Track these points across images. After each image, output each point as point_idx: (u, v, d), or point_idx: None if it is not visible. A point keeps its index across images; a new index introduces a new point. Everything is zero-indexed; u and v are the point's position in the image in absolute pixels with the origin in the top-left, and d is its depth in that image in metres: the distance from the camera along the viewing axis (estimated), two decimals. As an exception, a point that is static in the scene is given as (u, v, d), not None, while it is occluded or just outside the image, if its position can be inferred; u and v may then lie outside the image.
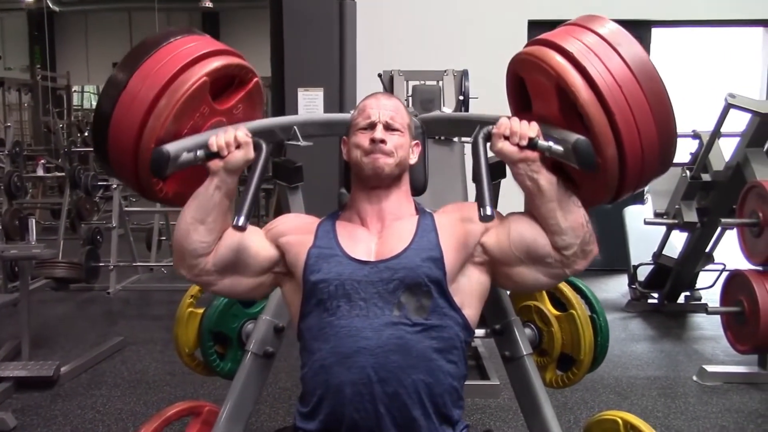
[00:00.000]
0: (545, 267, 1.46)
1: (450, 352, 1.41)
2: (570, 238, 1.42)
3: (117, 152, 1.52)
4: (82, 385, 3.33)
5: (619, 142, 1.35)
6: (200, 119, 1.56)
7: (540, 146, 1.38)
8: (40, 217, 8.83)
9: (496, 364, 3.30)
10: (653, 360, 3.77)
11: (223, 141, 1.43)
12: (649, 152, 1.38)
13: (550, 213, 1.42)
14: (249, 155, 1.45)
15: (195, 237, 1.46)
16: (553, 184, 1.41)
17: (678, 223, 4.21)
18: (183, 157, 1.45)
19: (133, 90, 1.47)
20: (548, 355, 1.89)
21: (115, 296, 5.12)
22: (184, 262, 1.49)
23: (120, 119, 1.48)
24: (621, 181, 1.41)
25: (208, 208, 1.45)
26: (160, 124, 1.46)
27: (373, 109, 1.54)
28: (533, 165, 1.40)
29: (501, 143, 1.40)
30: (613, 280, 5.43)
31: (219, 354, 1.99)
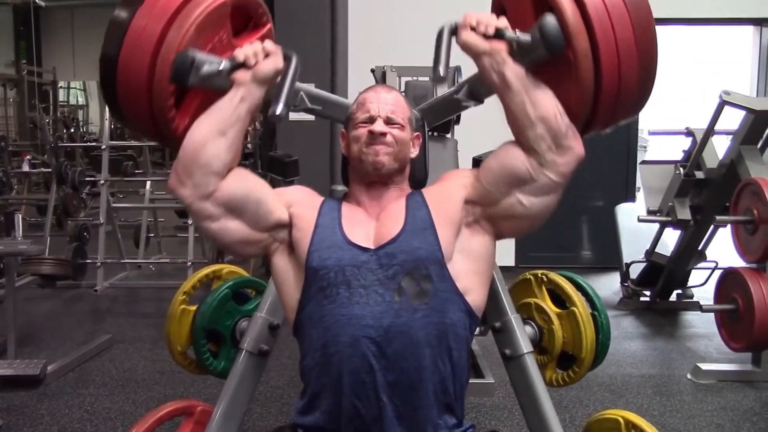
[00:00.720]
0: (527, 184, 1.39)
1: (453, 339, 1.37)
2: (541, 129, 1.35)
3: (130, 69, 1.41)
4: (70, 384, 3.27)
5: (591, 32, 1.29)
6: (218, 46, 1.48)
7: (507, 36, 1.34)
8: (25, 213, 8.72)
9: (491, 362, 3.28)
10: (647, 358, 3.76)
11: (251, 51, 1.38)
12: (627, 60, 1.32)
13: (519, 107, 1.36)
14: (278, 64, 1.39)
15: (212, 149, 1.36)
16: (521, 76, 1.36)
17: (671, 221, 4.20)
18: (206, 67, 1.37)
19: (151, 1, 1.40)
20: (549, 353, 1.85)
21: (102, 293, 5.05)
22: (192, 177, 1.37)
23: (139, 27, 1.39)
24: (596, 93, 1.34)
25: (231, 119, 1.37)
26: (181, 35, 1.38)
27: (372, 103, 1.50)
28: (498, 56, 1.35)
29: (467, 34, 1.36)
30: (604, 278, 5.43)
31: (212, 352, 1.94)
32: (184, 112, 1.48)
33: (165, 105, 1.43)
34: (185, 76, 1.35)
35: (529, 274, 1.91)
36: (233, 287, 1.94)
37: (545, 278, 1.87)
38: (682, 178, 4.10)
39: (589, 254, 6.21)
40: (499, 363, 1.84)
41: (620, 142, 5.81)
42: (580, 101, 1.36)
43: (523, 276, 1.93)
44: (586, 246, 6.22)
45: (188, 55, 1.35)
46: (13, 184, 9.63)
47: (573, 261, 5.98)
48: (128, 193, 8.79)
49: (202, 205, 1.40)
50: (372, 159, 1.45)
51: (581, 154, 1.38)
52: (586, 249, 6.22)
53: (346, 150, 1.55)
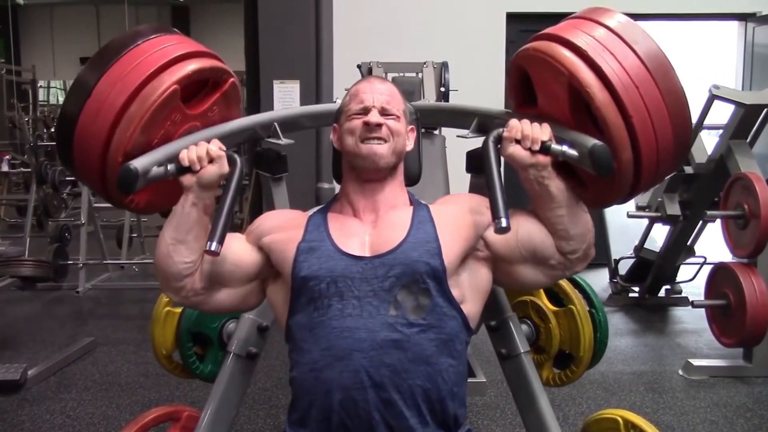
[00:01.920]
0: (547, 268, 1.42)
1: (450, 355, 1.31)
2: (576, 244, 1.39)
3: (83, 162, 1.42)
4: (51, 388, 3.18)
5: (635, 145, 1.29)
6: (172, 127, 1.46)
7: (553, 150, 1.31)
8: (5, 214, 8.60)
9: (482, 360, 3.23)
10: (638, 354, 3.74)
11: (195, 155, 1.34)
12: (665, 153, 1.32)
13: (558, 219, 1.37)
14: (223, 169, 1.36)
15: (176, 258, 1.36)
16: (563, 190, 1.35)
17: (660, 216, 4.18)
18: (153, 171, 1.36)
19: (100, 96, 1.36)
20: (545, 352, 1.81)
21: (84, 295, 4.95)
22: (170, 285, 1.40)
23: (86, 128, 1.38)
24: (634, 183, 1.36)
25: (186, 226, 1.36)
26: (127, 137, 1.36)
27: (366, 93, 1.44)
28: (544, 170, 1.33)
29: (512, 147, 1.33)
30: (592, 275, 5.39)
31: (198, 355, 1.88)
32: (141, 191, 1.43)
33: (119, 198, 1.44)
34: (131, 187, 1.33)
35: (525, 271, 1.86)
36: (220, 288, 1.87)
37: (541, 275, 1.83)
38: (671, 173, 4.08)
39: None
40: (491, 361, 1.81)
41: None
42: (615, 197, 1.41)
43: (519, 273, 1.88)
44: (574, 242, 6.18)
45: (130, 169, 1.32)
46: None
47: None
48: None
49: (189, 300, 1.43)
50: (369, 155, 1.39)
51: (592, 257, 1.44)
52: (574, 246, 6.19)
53: (338, 144, 1.48)
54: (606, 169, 1.27)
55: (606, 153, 1.26)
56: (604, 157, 1.26)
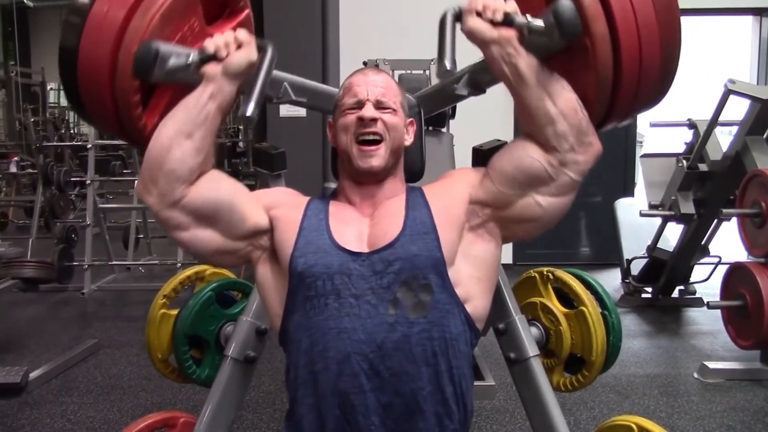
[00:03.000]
0: (546, 184, 1.28)
1: (454, 355, 1.24)
2: (562, 125, 1.23)
3: (92, 60, 1.28)
4: (52, 391, 3.13)
5: (609, 16, 1.17)
6: (189, 35, 1.35)
7: (517, 22, 1.21)
8: (14, 215, 8.60)
9: (491, 363, 3.16)
10: (651, 357, 3.64)
11: (222, 41, 1.23)
12: (648, 44, 1.19)
13: (536, 102, 1.23)
14: (252, 56, 1.24)
15: (177, 153, 1.22)
16: (534, 67, 1.23)
17: (674, 215, 4.09)
18: (172, 61, 1.22)
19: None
20: (556, 356, 1.74)
21: (89, 297, 4.90)
22: (157, 184, 1.23)
23: (100, 15, 1.26)
24: (615, 82, 1.22)
25: (198, 119, 1.22)
26: (145, 24, 1.25)
27: (360, 86, 1.36)
28: (509, 46, 1.22)
29: (473, 20, 1.22)
30: (604, 275, 5.32)
31: (195, 359, 1.82)
32: (152, 109, 1.35)
33: (129, 102, 1.30)
34: (148, 70, 1.20)
35: (534, 271, 1.79)
36: (217, 289, 1.81)
37: (551, 276, 1.76)
38: (685, 171, 3.99)
39: (588, 251, 6.11)
40: (500, 364, 1.74)
41: (618, 136, 5.71)
42: (597, 92, 1.24)
43: (528, 274, 1.81)
44: (584, 242, 6.13)
45: (151, 47, 1.20)
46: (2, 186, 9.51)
47: (572, 258, 5.89)
48: (118, 194, 8.65)
49: (170, 213, 1.26)
50: (364, 164, 1.32)
51: (600, 149, 1.27)
52: (585, 245, 6.13)
53: (333, 141, 1.42)
54: (571, 27, 1.14)
55: (570, 7, 1.14)
56: (569, 12, 1.14)
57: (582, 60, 1.22)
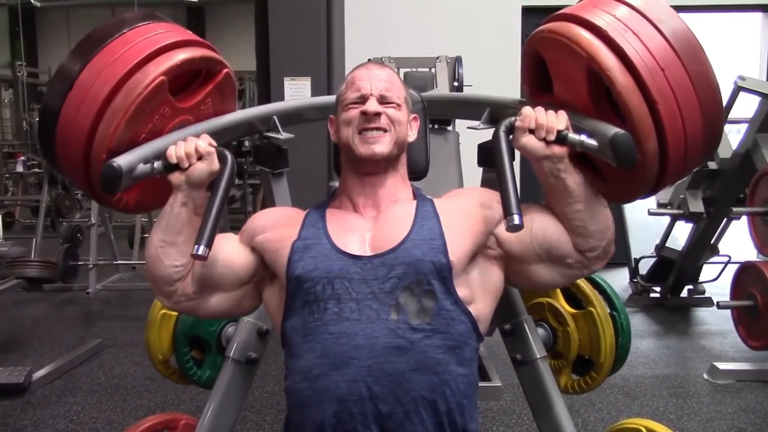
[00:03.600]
0: (564, 267, 1.31)
1: (458, 362, 1.20)
2: (595, 242, 1.28)
3: (66, 159, 1.35)
4: (56, 392, 3.11)
5: (661, 134, 1.17)
6: (160, 121, 1.37)
7: (570, 140, 1.21)
8: (21, 214, 8.61)
9: (497, 363, 3.12)
10: (660, 357, 3.60)
11: (183, 152, 1.25)
12: (693, 143, 1.21)
13: (575, 215, 1.26)
14: (213, 167, 1.27)
15: (167, 262, 1.29)
16: (581, 184, 1.24)
17: (683, 214, 4.04)
18: (139, 169, 1.28)
19: (82, 88, 1.29)
20: (563, 357, 1.70)
21: (94, 296, 4.89)
22: (160, 289, 1.33)
23: (68, 122, 1.30)
24: (659, 176, 1.24)
25: (176, 228, 1.28)
26: (111, 132, 1.28)
27: (364, 80, 1.33)
28: (560, 163, 1.22)
29: (525, 138, 1.22)
30: (612, 274, 5.25)
31: (196, 360, 1.79)
32: (130, 189, 1.35)
33: (107, 197, 1.35)
34: (115, 186, 1.25)
35: (541, 271, 1.75)
36: (218, 289, 1.78)
37: (558, 276, 1.72)
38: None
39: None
40: (506, 364, 1.71)
41: None
42: (638, 191, 1.30)
43: (535, 273, 1.77)
44: (592, 241, 6.06)
45: (114, 168, 1.24)
46: (9, 185, 9.54)
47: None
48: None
49: (181, 306, 1.35)
50: (367, 147, 1.30)
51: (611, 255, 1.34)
52: (593, 244, 6.07)
53: (335, 136, 1.39)
54: (628, 160, 1.16)
55: (628, 142, 1.15)
56: (627, 146, 1.15)
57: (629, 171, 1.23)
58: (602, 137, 1.18)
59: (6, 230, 7.87)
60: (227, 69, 1.47)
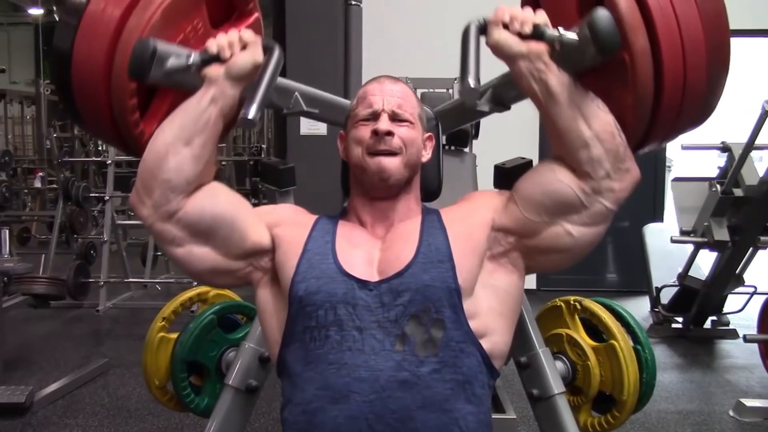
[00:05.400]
0: (578, 212, 1.15)
1: (468, 399, 1.11)
2: (597, 150, 1.11)
3: (87, 58, 1.19)
4: (57, 413, 3.04)
5: (651, 28, 1.05)
6: (192, 37, 1.26)
7: (548, 35, 1.09)
8: (37, 230, 8.64)
9: (512, 394, 3.00)
10: (683, 392, 3.45)
11: (225, 41, 1.13)
12: (693, 58, 1.07)
13: (568, 122, 1.11)
14: (257, 57, 1.14)
15: (174, 161, 1.13)
16: (567, 84, 1.11)
17: (707, 242, 3.91)
18: (171, 61, 1.13)
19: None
20: (583, 393, 1.60)
21: (104, 314, 4.84)
22: (151, 195, 1.14)
23: (97, 10, 1.18)
24: (656, 101, 1.10)
25: (198, 125, 1.13)
26: (144, 21, 1.17)
27: (376, 96, 1.25)
28: (539, 61, 1.10)
29: (498, 32, 1.11)
30: (632, 303, 5.12)
31: (194, 387, 1.70)
32: (151, 115, 1.26)
33: (126, 106, 1.21)
34: (145, 70, 1.11)
35: (560, 300, 1.66)
36: (219, 313, 1.70)
37: (579, 306, 1.62)
38: (719, 196, 3.82)
39: (615, 277, 5.93)
40: (522, 395, 1.62)
41: (647, 159, 5.48)
42: (636, 112, 1.12)
43: (553, 302, 1.68)
44: (612, 268, 5.94)
45: (149, 45, 1.11)
46: (27, 200, 9.60)
47: (598, 284, 5.70)
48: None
49: (163, 226, 1.17)
50: (377, 169, 1.21)
51: (638, 176, 1.15)
52: (612, 272, 5.95)
53: (344, 154, 1.31)
54: (609, 40, 1.02)
55: (608, 19, 1.03)
56: (606, 22, 1.02)
57: (619, 77, 1.10)
58: (582, 27, 1.06)
59: (22, 245, 7.90)
60: (258, 14, 1.40)
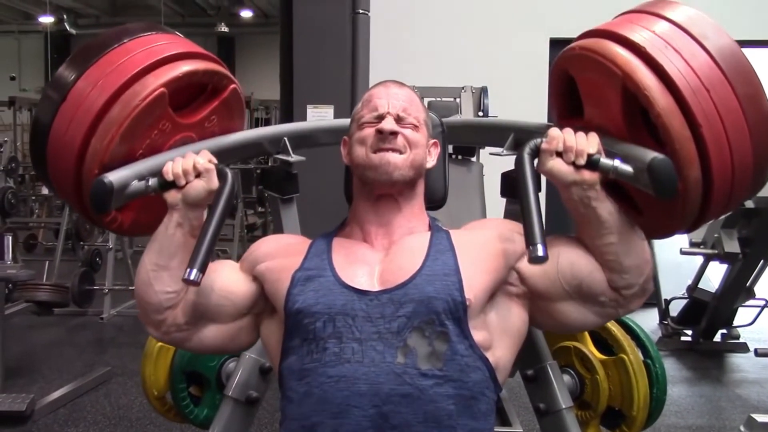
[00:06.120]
0: (597, 306, 1.18)
1: (472, 416, 1.08)
2: (632, 278, 1.14)
3: (57, 175, 1.26)
4: (59, 421, 3.02)
5: (705, 161, 1.06)
6: (160, 137, 1.28)
7: (602, 166, 1.08)
8: (44, 237, 8.64)
9: (518, 407, 2.96)
10: (693, 406, 3.39)
11: (180, 168, 1.15)
12: (741, 172, 1.08)
13: (608, 248, 1.13)
14: (212, 185, 1.16)
15: (157, 287, 1.18)
16: (614, 213, 1.11)
17: (717, 254, 3.86)
18: (132, 186, 1.18)
19: (77, 99, 1.21)
20: (591, 408, 1.56)
21: (108, 322, 4.80)
22: (149, 318, 1.22)
23: (60, 134, 1.22)
24: (702, 209, 1.12)
25: (170, 251, 1.17)
26: (105, 145, 1.19)
27: (381, 99, 1.23)
28: (591, 190, 1.09)
29: (552, 161, 1.10)
30: (640, 316, 5.04)
31: (194, 398, 1.67)
32: (125, 209, 1.26)
33: (99, 216, 1.25)
34: (106, 204, 1.16)
35: (568, 312, 1.62)
36: (220, 322, 1.67)
37: (587, 318, 1.58)
38: (729, 207, 3.76)
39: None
40: (529, 408, 1.57)
41: None
42: (678, 225, 1.18)
43: (561, 315, 1.63)
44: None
45: (104, 183, 1.15)
46: (35, 207, 9.61)
47: (606, 296, 5.64)
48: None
49: (171, 336, 1.24)
50: (381, 164, 1.19)
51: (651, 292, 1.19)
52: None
53: (348, 158, 1.28)
54: (668, 188, 1.04)
55: (668, 168, 1.03)
56: (667, 172, 1.03)
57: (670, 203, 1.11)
58: (639, 162, 1.06)
59: (28, 252, 7.90)
60: (234, 85, 1.38)
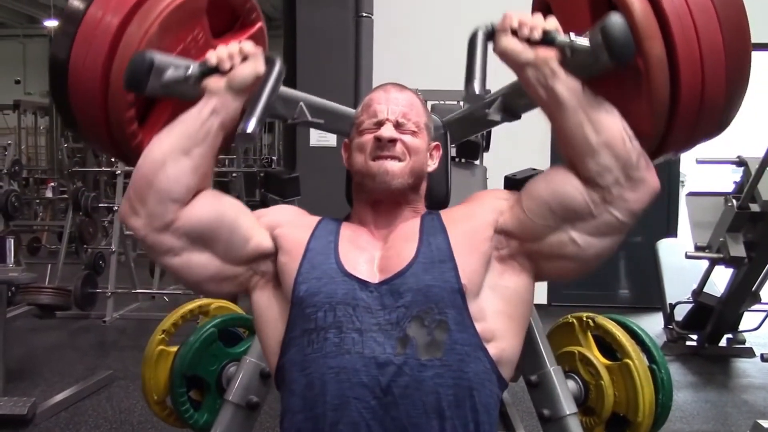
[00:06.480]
0: (584, 220, 1.10)
1: (473, 407, 1.06)
2: (605, 158, 1.06)
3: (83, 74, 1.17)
4: (60, 425, 3.00)
5: (667, 35, 1.01)
6: (192, 47, 1.23)
7: (559, 41, 1.05)
8: (47, 240, 8.65)
9: (522, 412, 2.94)
10: (698, 412, 3.36)
11: (225, 53, 1.11)
12: (712, 65, 1.02)
13: (576, 130, 1.07)
14: (259, 69, 1.12)
15: (172, 171, 1.09)
16: (576, 91, 1.06)
17: (723, 258, 3.83)
18: (170, 73, 1.10)
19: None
20: (596, 414, 1.54)
21: (111, 325, 4.80)
22: (146, 205, 1.10)
23: (90, 27, 1.16)
24: (672, 108, 1.05)
25: (198, 135, 1.10)
26: (143, 31, 1.14)
27: (381, 104, 1.22)
28: (547, 67, 1.05)
29: (506, 39, 1.07)
30: (645, 319, 5.03)
31: (194, 402, 1.66)
32: (151, 125, 1.23)
33: (123, 117, 1.18)
34: (142, 82, 1.08)
35: (572, 317, 1.61)
36: (221, 326, 1.66)
37: (592, 323, 1.57)
38: (735, 211, 3.74)
39: (627, 293, 5.84)
40: (532, 413, 1.56)
41: (660, 172, 5.29)
42: (651, 120, 1.07)
43: (565, 319, 1.63)
44: (624, 284, 5.86)
45: (146, 57, 1.08)
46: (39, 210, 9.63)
47: (610, 300, 5.62)
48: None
49: (158, 238, 1.12)
50: (379, 173, 1.17)
51: (656, 186, 1.10)
52: (625, 287, 5.86)
53: (348, 163, 1.27)
54: (623, 47, 0.99)
55: (621, 23, 0.99)
56: (620, 28, 0.98)
57: (633, 84, 1.06)
58: (594, 33, 1.02)
59: (32, 255, 7.91)
60: (261, 23, 1.37)
